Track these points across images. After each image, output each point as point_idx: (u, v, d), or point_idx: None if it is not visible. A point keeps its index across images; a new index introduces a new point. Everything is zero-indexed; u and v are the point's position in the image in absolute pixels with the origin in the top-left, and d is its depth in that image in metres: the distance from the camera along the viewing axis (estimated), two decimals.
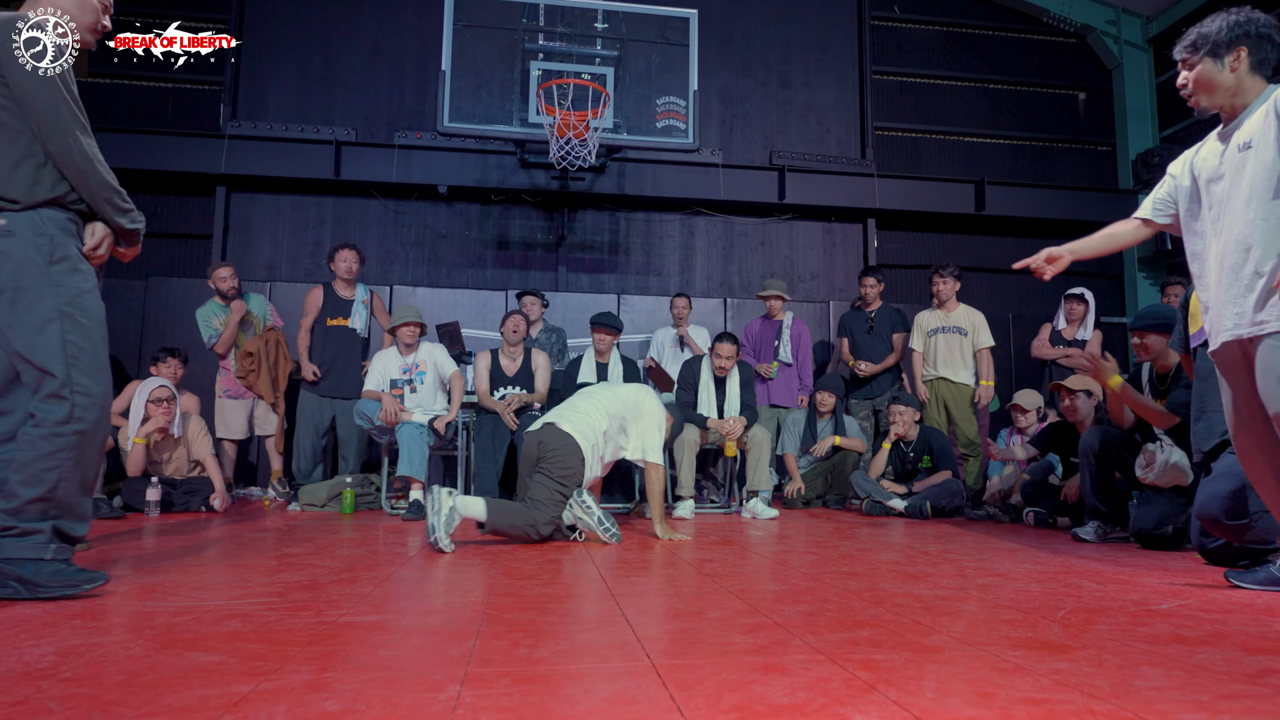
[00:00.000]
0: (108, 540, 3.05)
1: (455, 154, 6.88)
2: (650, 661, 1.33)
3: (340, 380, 4.92)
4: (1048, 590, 2.08)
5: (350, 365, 4.97)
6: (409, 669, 1.28)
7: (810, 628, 1.60)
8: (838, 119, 7.81)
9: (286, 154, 6.72)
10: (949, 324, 4.97)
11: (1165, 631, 1.60)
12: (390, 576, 2.22)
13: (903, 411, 4.56)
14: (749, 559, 2.66)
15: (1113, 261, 7.80)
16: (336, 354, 4.93)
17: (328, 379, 4.90)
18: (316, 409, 4.90)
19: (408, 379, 4.54)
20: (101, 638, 1.48)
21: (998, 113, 8.12)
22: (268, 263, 6.90)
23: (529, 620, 1.65)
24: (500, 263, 7.20)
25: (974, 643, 1.48)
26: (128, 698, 1.13)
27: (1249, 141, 1.99)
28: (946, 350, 4.95)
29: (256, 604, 1.80)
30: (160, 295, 6.15)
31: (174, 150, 6.58)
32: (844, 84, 7.85)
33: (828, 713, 1.08)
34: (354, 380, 4.93)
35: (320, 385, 4.89)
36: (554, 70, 5.88)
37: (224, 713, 1.07)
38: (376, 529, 3.53)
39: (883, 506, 4.43)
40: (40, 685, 1.18)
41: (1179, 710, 1.10)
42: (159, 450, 4.35)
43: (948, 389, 4.93)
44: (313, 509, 4.38)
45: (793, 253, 7.66)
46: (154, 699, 1.12)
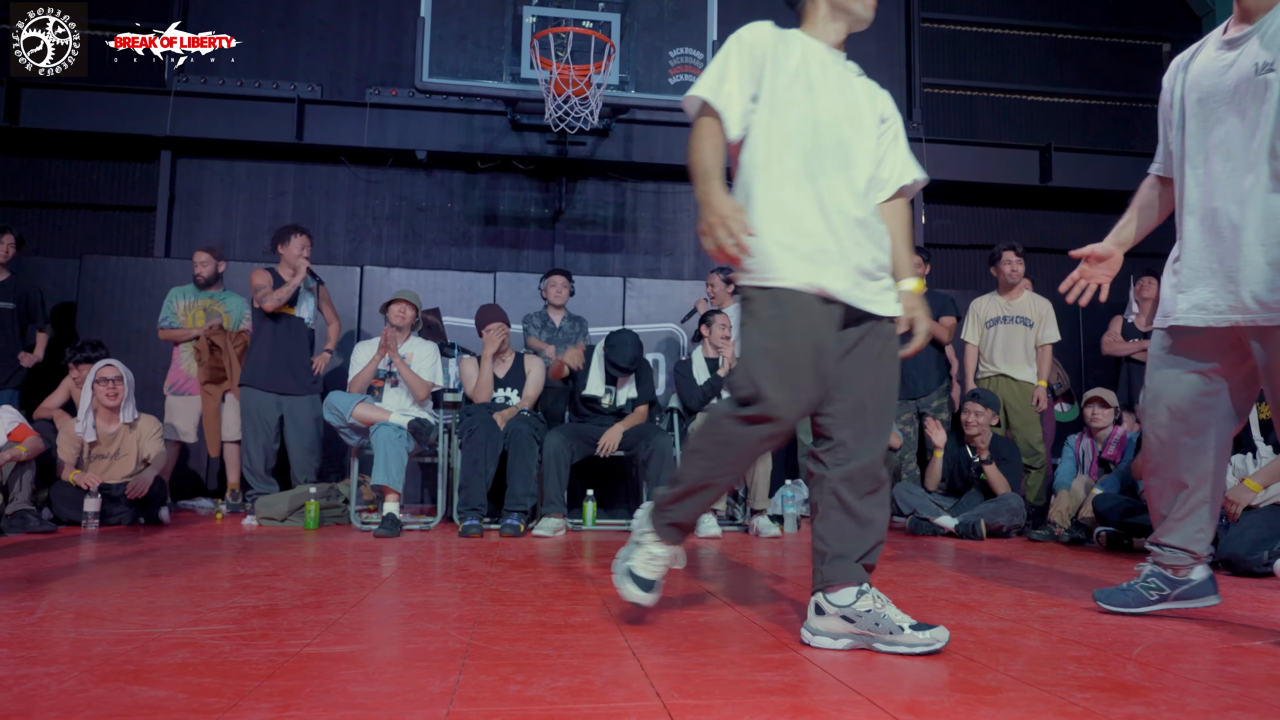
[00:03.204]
0: (37, 557, 3.07)
1: (436, 114, 6.89)
2: (661, 701, 1.34)
3: (287, 374, 4.92)
4: (1121, 623, 2.08)
5: (299, 358, 4.98)
6: (383, 708, 1.29)
7: (846, 664, 1.60)
8: (880, 73, 7.69)
9: (241, 114, 6.75)
10: (1011, 313, 4.94)
11: (1259, 672, 1.60)
12: (361, 601, 2.23)
13: (980, 412, 4.54)
14: (775, 585, 2.66)
15: None
16: (283, 345, 4.93)
17: (273, 373, 4.89)
18: (262, 406, 4.89)
19: (389, 371, 4.56)
20: (32, 668, 1.49)
21: (1067, 68, 8.07)
22: (219, 239, 6.92)
23: (520, 652, 1.66)
24: (487, 240, 7.21)
25: (1036, 683, 1.48)
26: None
27: (1271, 62, 1.85)
28: (1007, 342, 4.91)
29: (209, 632, 1.82)
30: (97, 276, 6.17)
31: (113, 109, 6.61)
32: (888, 32, 7.80)
33: None
34: (304, 375, 4.95)
35: (264, 379, 4.88)
36: (551, 17, 5.86)
37: None
38: (345, 546, 3.55)
39: (931, 525, 4.42)
40: None
41: None
42: (105, 444, 4.39)
43: (1008, 387, 4.90)
44: (271, 523, 4.40)
45: None
46: None
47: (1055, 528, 4.30)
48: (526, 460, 4.23)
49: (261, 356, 4.89)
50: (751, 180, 1.81)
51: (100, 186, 6.95)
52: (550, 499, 4.18)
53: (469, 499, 4.12)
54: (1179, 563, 2.09)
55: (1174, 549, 2.09)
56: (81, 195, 6.93)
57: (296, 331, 5.01)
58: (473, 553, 3.37)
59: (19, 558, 3.06)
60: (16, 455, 4.03)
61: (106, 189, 6.96)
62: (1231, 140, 1.94)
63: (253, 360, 4.91)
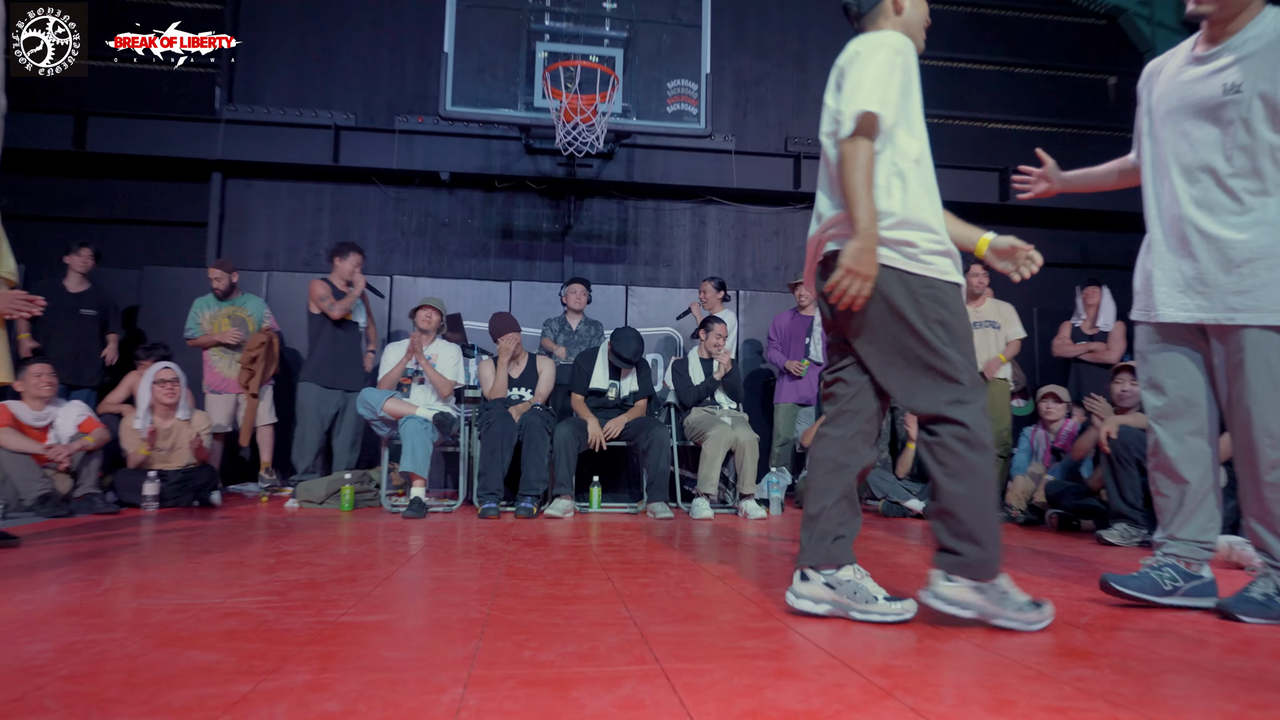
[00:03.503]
0: (103, 536, 3.08)
1: (458, 139, 6.89)
2: (659, 665, 1.34)
3: (346, 372, 5.01)
4: (1070, 595, 2.08)
5: (353, 357, 5.07)
6: (411, 670, 1.30)
7: (825, 632, 1.61)
8: None
9: (284, 139, 6.75)
10: (980, 318, 4.97)
11: (1193, 638, 1.60)
12: (391, 576, 2.24)
13: None
14: (761, 561, 2.67)
15: None
16: (342, 347, 5.01)
17: (335, 371, 4.96)
18: (321, 401, 4.95)
19: (417, 369, 4.58)
20: (99, 635, 1.50)
21: (1023, 98, 8.06)
22: (264, 251, 6.93)
23: (533, 622, 1.67)
24: (504, 252, 7.21)
25: (994, 649, 1.48)
26: (125, 696, 1.15)
27: (1237, 84, 1.83)
28: (982, 345, 4.93)
29: (255, 602, 1.82)
30: (155, 284, 6.19)
31: (168, 135, 6.62)
32: None
33: None
34: (358, 372, 5.01)
35: (327, 377, 4.95)
36: (561, 52, 5.86)
37: (223, 713, 1.09)
38: (376, 526, 3.55)
39: (900, 508, 4.43)
40: (38, 682, 1.20)
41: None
42: (163, 437, 4.39)
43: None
44: (310, 506, 4.41)
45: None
46: (152, 698, 1.14)
47: (1012, 510, 4.30)
48: (539, 449, 4.23)
49: (323, 356, 4.94)
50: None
51: (158, 204, 6.95)
52: (560, 482, 4.19)
53: (487, 484, 4.13)
54: (1193, 556, 1.96)
55: (1188, 542, 1.98)
56: (142, 212, 6.92)
57: (353, 335, 5.09)
58: (490, 532, 3.37)
59: (86, 536, 3.07)
60: (85, 445, 4.04)
61: (164, 206, 6.96)
62: (1196, 153, 1.91)
63: (315, 360, 4.97)
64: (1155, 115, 2.03)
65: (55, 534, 3.08)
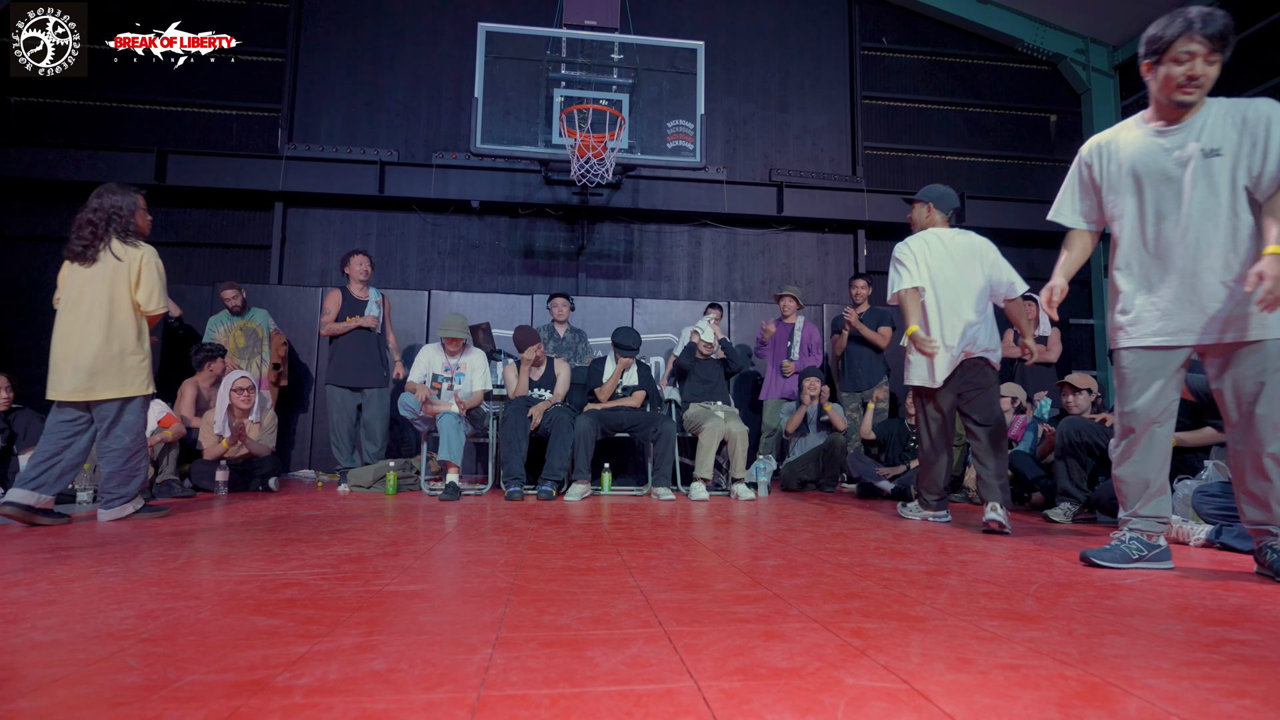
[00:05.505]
0: (180, 516, 3.08)
1: (486, 172, 6.90)
2: (662, 628, 1.33)
3: (364, 372, 4.89)
4: (1022, 566, 2.06)
5: (370, 357, 4.94)
6: (447, 633, 1.29)
7: (807, 599, 1.60)
8: (831, 139, 7.76)
9: (336, 173, 6.77)
10: None
11: (1130, 604, 1.58)
12: (429, 551, 2.23)
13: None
14: (751, 537, 2.65)
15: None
16: (358, 348, 4.90)
17: (355, 372, 4.87)
18: (345, 400, 4.87)
19: (449, 376, 4.56)
20: (175, 603, 1.50)
21: (977, 134, 8.05)
22: (320, 270, 6.96)
23: (553, 591, 1.66)
24: (526, 270, 7.22)
25: (955, 613, 1.47)
26: (199, 656, 1.14)
27: (1217, 149, 1.91)
28: None
29: (311, 574, 1.82)
30: None
31: (238, 170, 6.65)
32: (836, 108, 7.80)
33: (823, 675, 1.08)
34: (376, 371, 4.93)
35: (348, 378, 4.86)
36: (575, 96, 5.88)
37: (283, 670, 1.08)
38: (417, 508, 3.55)
39: (874, 488, 4.40)
40: (122, 645, 1.20)
41: (1143, 676, 1.09)
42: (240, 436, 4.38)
43: None
44: (359, 490, 4.41)
45: (790, 260, 7.62)
46: (222, 657, 1.14)
47: (970, 492, 4.27)
48: (564, 440, 4.21)
49: (343, 360, 4.87)
50: None
51: (227, 230, 6.97)
52: (579, 468, 4.17)
53: (509, 471, 4.12)
54: (1153, 530, 2.07)
55: (1147, 518, 2.07)
56: (213, 236, 6.95)
57: (366, 338, 4.96)
58: (515, 512, 3.36)
59: (166, 517, 3.07)
60: (164, 438, 4.05)
61: (232, 232, 6.98)
62: (1187, 204, 1.96)
63: (336, 363, 4.87)
64: (1125, 176, 2.07)
65: (138, 514, 3.08)
